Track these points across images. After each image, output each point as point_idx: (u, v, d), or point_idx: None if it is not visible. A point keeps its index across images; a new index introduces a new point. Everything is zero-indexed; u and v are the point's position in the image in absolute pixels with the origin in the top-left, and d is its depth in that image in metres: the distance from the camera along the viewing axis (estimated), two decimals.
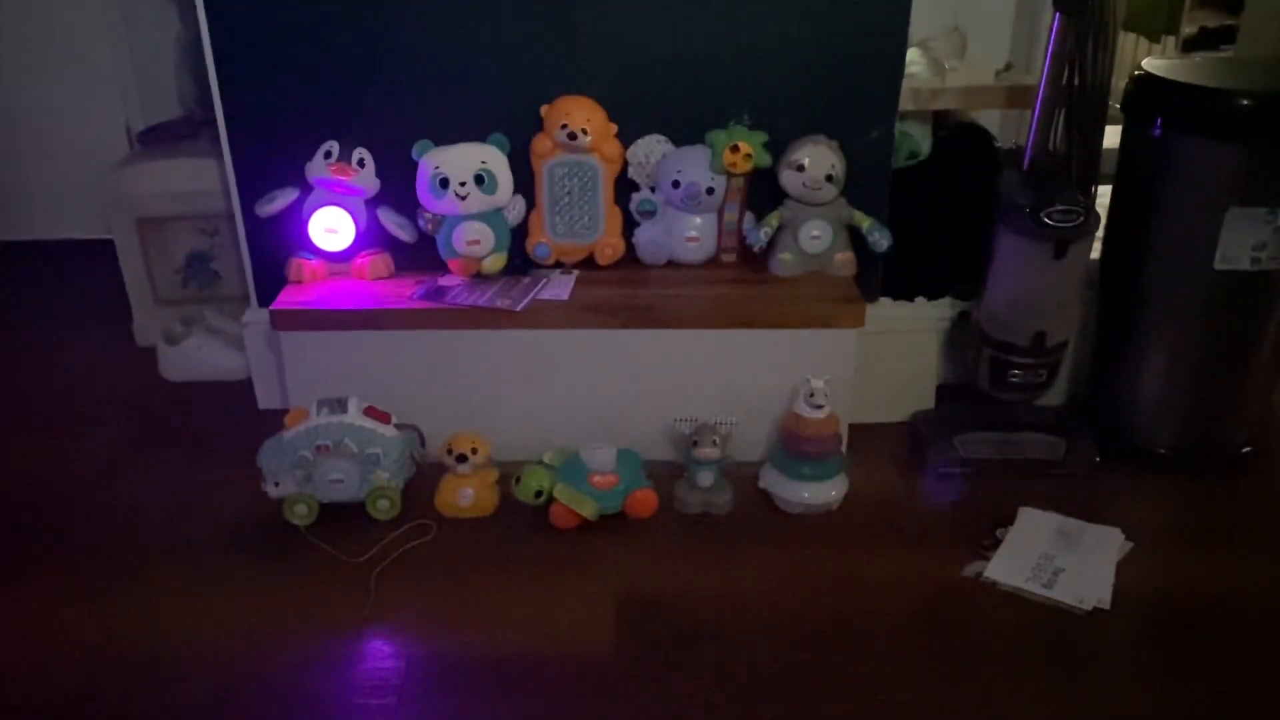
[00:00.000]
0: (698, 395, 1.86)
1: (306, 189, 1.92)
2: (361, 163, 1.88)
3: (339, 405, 1.75)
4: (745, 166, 1.85)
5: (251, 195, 1.96)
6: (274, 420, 1.79)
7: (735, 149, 1.83)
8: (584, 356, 1.86)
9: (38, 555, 1.71)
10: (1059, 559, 1.65)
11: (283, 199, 1.92)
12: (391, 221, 1.93)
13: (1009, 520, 1.74)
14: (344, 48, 1.85)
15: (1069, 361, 1.97)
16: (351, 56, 1.86)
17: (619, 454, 1.77)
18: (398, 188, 1.91)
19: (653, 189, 1.94)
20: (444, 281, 1.91)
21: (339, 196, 1.90)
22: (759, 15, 1.83)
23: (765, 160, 1.86)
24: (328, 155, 1.87)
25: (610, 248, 1.95)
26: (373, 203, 1.93)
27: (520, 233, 1.94)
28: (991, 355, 1.87)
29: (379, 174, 1.91)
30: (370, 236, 1.94)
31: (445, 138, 1.87)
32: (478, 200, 1.85)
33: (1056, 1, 1.72)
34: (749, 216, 1.94)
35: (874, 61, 1.85)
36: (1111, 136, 1.84)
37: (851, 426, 1.90)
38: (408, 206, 1.91)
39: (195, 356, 2.24)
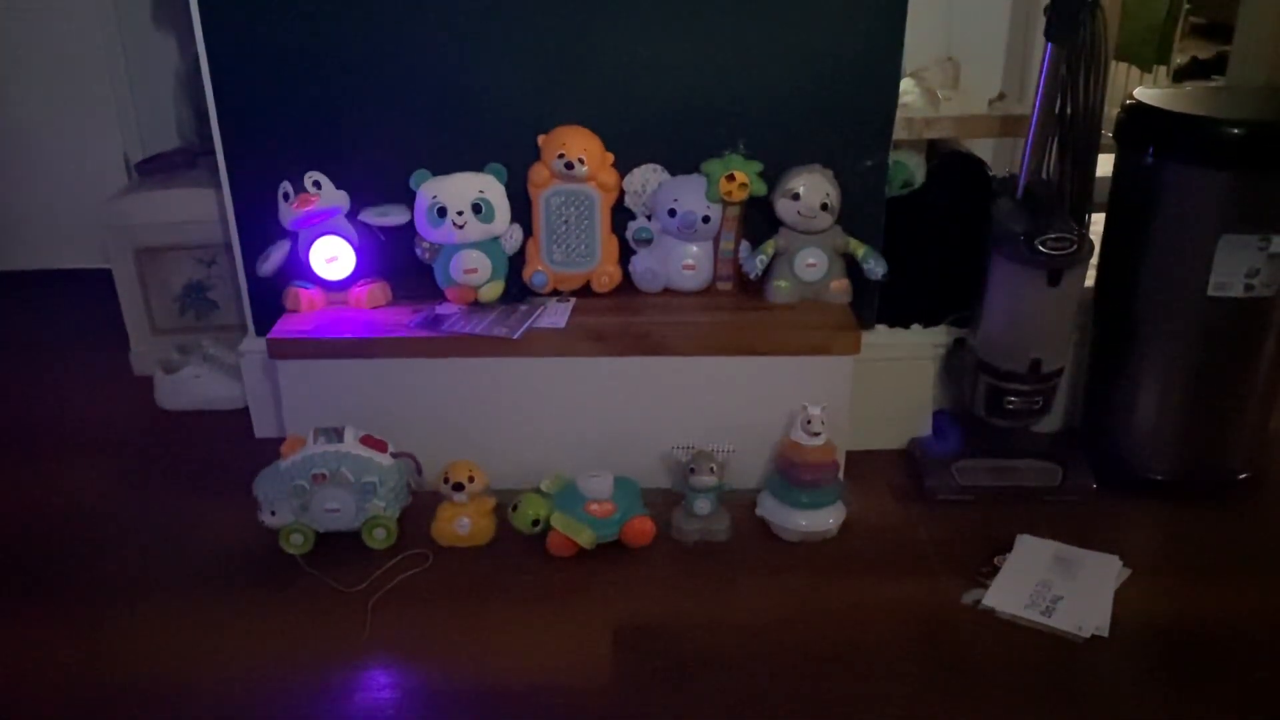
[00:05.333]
0: (695, 423, 1.86)
1: (294, 235, 1.93)
2: (317, 184, 1.88)
3: (335, 434, 1.74)
4: (741, 195, 1.86)
5: (249, 225, 1.97)
6: (270, 449, 1.79)
7: (731, 178, 1.85)
8: (581, 384, 1.86)
9: (32, 584, 1.70)
10: (1057, 586, 1.65)
11: (277, 254, 1.92)
12: (375, 216, 1.90)
13: (1007, 547, 1.74)
14: (343, 78, 1.86)
15: (1064, 388, 1.98)
16: (350, 87, 1.87)
17: (616, 482, 1.76)
18: None
19: (649, 217, 1.95)
20: (441, 310, 1.91)
21: (321, 226, 1.91)
22: (754, 46, 1.85)
23: (761, 189, 1.87)
24: (285, 197, 1.88)
25: (607, 276, 1.96)
26: (351, 214, 1.92)
27: (517, 261, 1.95)
28: (987, 382, 1.87)
29: (376, 202, 1.92)
30: (368, 265, 1.95)
31: (443, 167, 1.88)
32: (475, 229, 1.86)
33: (1048, 31, 1.73)
34: (745, 244, 1.95)
35: (868, 91, 1.87)
36: (1104, 165, 1.85)
37: (848, 453, 1.90)
38: (405, 237, 1.92)
39: (192, 385, 2.24)
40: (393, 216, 1.91)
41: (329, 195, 1.89)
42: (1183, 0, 2.91)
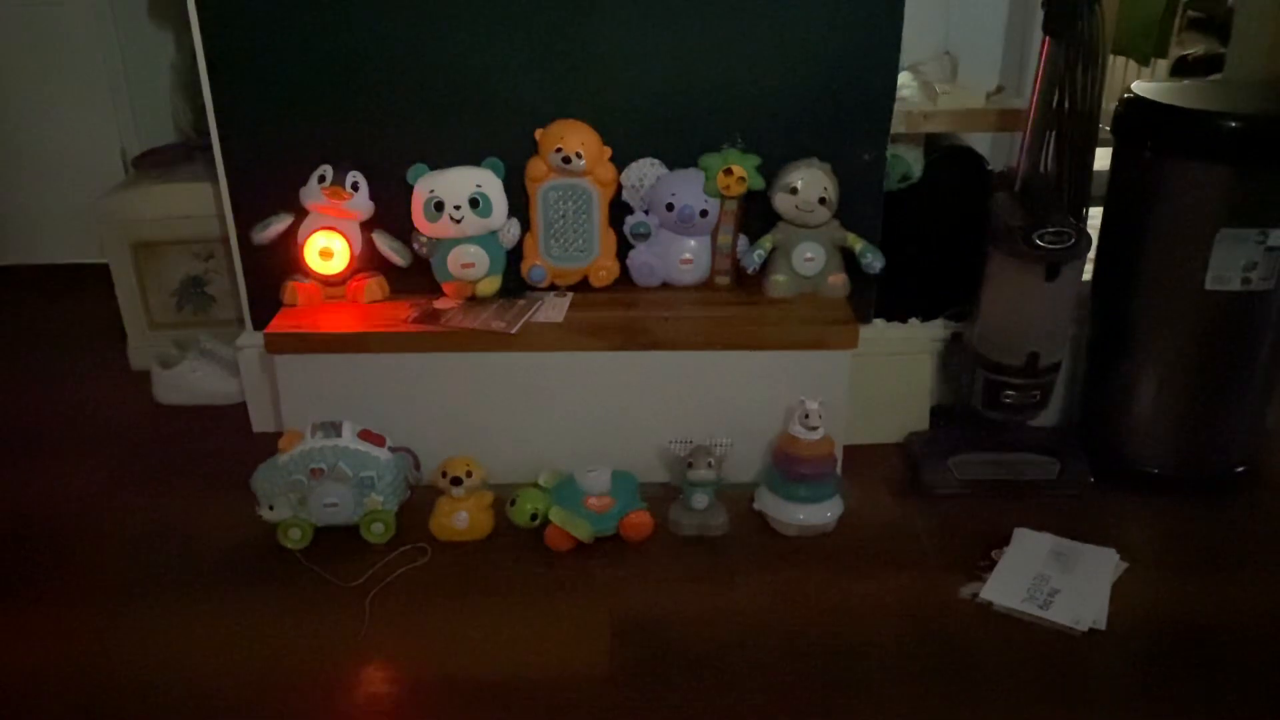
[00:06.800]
0: (692, 417, 1.86)
1: (301, 214, 1.92)
2: (355, 186, 1.89)
3: (333, 429, 1.74)
4: (739, 189, 1.86)
5: (247, 219, 1.97)
6: (268, 444, 1.79)
7: (729, 172, 1.85)
8: (578, 379, 1.86)
9: (30, 580, 1.70)
10: (1054, 580, 1.65)
11: (277, 224, 1.92)
12: (386, 246, 1.93)
13: (1004, 541, 1.74)
14: (340, 73, 1.86)
15: (1062, 382, 1.98)
16: (347, 82, 1.87)
17: (614, 476, 1.77)
18: (393, 211, 1.91)
19: (647, 212, 1.95)
20: (439, 304, 1.91)
21: (333, 220, 1.91)
22: (752, 40, 1.84)
23: (758, 183, 1.87)
24: (321, 180, 1.88)
25: (605, 270, 1.96)
26: (367, 226, 1.93)
27: (515, 255, 1.95)
28: (985, 376, 1.87)
29: (375, 198, 1.92)
30: (365, 260, 1.95)
31: (440, 161, 1.88)
32: (472, 223, 1.86)
33: (1046, 25, 1.73)
34: (743, 239, 1.95)
35: (866, 85, 1.87)
36: (1102, 159, 1.85)
37: (846, 448, 1.90)
38: (403, 230, 1.92)
39: (189, 380, 2.23)
40: (399, 257, 1.94)
41: (359, 201, 1.90)
42: None
